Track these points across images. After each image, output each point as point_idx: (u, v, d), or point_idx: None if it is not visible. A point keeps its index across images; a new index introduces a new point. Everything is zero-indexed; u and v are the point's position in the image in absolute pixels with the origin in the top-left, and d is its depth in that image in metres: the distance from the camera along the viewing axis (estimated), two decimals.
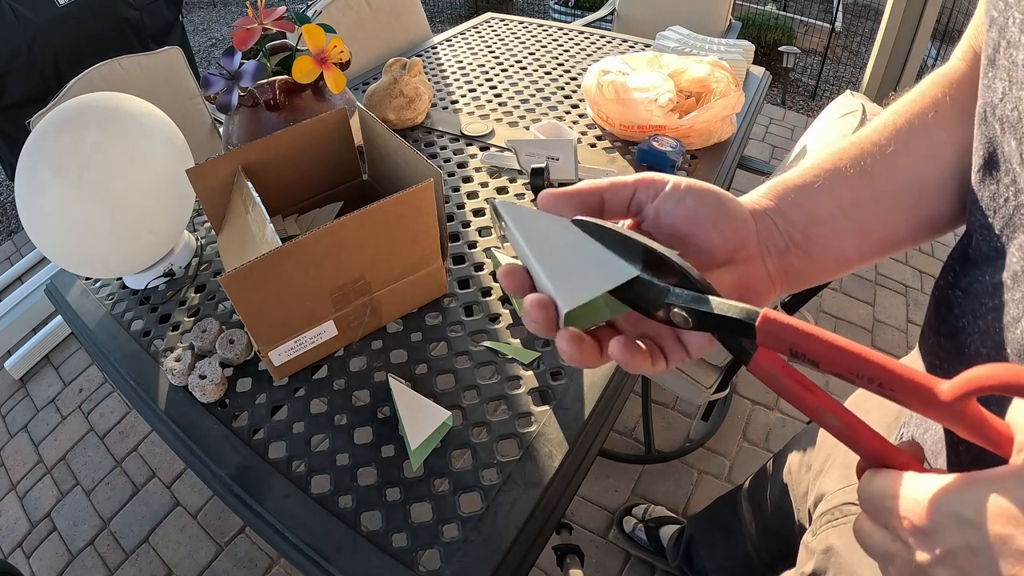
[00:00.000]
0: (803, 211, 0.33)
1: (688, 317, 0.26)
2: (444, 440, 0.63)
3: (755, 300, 0.31)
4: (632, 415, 1.51)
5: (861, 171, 0.33)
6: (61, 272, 0.90)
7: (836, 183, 0.33)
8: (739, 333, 0.25)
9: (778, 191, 0.33)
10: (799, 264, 0.33)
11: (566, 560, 0.91)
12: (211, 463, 0.64)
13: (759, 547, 0.80)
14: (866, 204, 0.33)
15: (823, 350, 0.23)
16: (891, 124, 0.35)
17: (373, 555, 0.55)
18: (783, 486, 0.68)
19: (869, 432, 0.24)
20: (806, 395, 0.24)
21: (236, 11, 4.32)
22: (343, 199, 0.87)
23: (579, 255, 0.28)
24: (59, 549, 1.37)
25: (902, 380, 0.22)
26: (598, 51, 1.44)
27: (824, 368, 0.23)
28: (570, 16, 3.36)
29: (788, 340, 0.23)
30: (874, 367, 0.22)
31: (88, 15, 2.04)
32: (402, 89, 1.10)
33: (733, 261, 0.31)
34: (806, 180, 0.34)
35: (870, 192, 0.33)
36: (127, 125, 0.76)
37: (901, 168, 0.33)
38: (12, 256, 2.26)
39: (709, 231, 0.30)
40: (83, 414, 1.66)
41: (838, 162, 0.34)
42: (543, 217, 0.31)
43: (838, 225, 0.33)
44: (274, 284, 0.60)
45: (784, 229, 0.32)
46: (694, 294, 0.26)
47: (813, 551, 0.49)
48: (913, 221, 0.34)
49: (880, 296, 1.86)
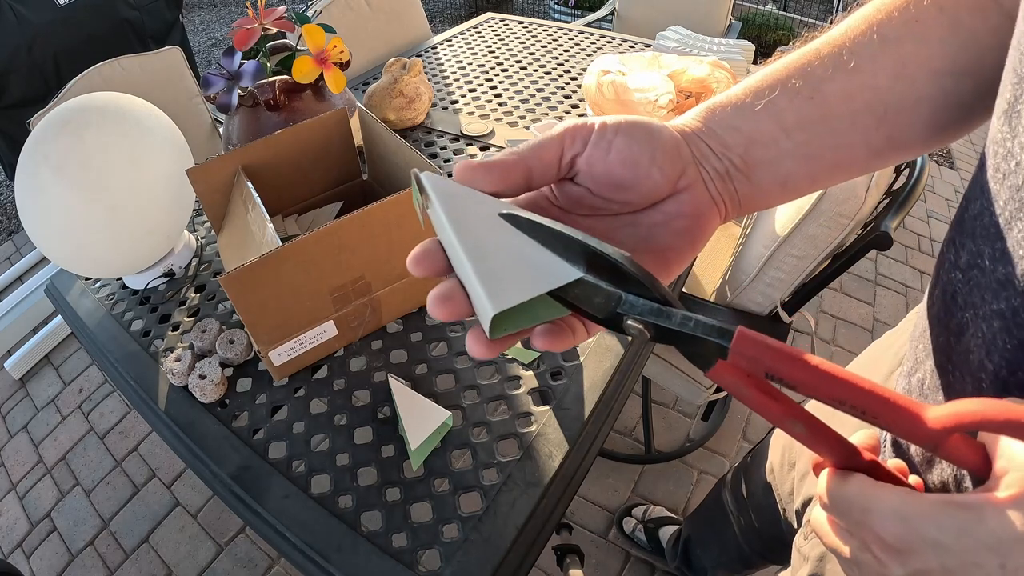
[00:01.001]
0: (741, 134, 0.30)
1: (646, 330, 0.23)
2: (444, 440, 0.63)
3: (702, 227, 0.29)
4: (632, 415, 1.51)
5: (811, 90, 0.29)
6: (61, 272, 0.90)
7: (779, 103, 0.29)
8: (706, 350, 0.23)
9: (711, 110, 0.31)
10: (743, 189, 0.30)
11: (566, 560, 0.91)
12: (211, 463, 0.64)
13: (749, 541, 0.80)
14: (814, 126, 0.29)
15: (803, 375, 0.21)
16: (855, 32, 0.30)
17: (373, 555, 0.55)
18: (766, 485, 0.68)
19: (836, 438, 0.24)
20: (770, 403, 0.23)
21: (236, 11, 4.32)
22: (343, 199, 0.87)
23: (515, 251, 0.25)
24: (59, 549, 1.37)
25: (887, 408, 0.21)
26: (598, 51, 1.44)
27: (802, 392, 0.21)
28: (570, 16, 3.36)
29: (764, 362, 0.21)
30: (857, 394, 0.21)
31: (88, 15, 2.03)
32: (402, 89, 1.10)
33: (676, 191, 0.29)
34: (743, 100, 0.30)
35: (819, 113, 0.29)
36: (127, 125, 0.76)
37: (860, 87, 0.29)
38: (12, 256, 2.26)
39: (648, 169, 0.28)
40: (83, 414, 1.66)
41: (785, 78, 0.30)
42: (475, 198, 0.27)
43: (781, 148, 0.30)
44: (274, 284, 0.60)
45: (721, 153, 0.30)
46: (653, 305, 0.23)
47: (807, 557, 0.49)
48: (872, 145, 0.30)
49: (880, 296, 1.86)
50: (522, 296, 0.23)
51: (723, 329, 0.22)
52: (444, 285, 0.25)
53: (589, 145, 0.28)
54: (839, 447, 0.24)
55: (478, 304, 0.24)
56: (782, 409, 0.23)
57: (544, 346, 0.26)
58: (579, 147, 0.28)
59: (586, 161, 0.28)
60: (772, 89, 0.30)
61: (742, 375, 0.23)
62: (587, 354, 0.71)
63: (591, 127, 0.28)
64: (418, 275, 0.25)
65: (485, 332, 0.23)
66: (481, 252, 0.24)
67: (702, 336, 0.22)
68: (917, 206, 2.23)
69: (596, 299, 0.24)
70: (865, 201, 0.83)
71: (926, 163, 0.90)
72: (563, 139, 0.28)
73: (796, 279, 0.94)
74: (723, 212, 0.31)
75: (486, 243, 0.24)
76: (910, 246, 2.04)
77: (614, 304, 0.24)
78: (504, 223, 0.26)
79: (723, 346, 0.22)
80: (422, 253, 0.25)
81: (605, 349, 0.71)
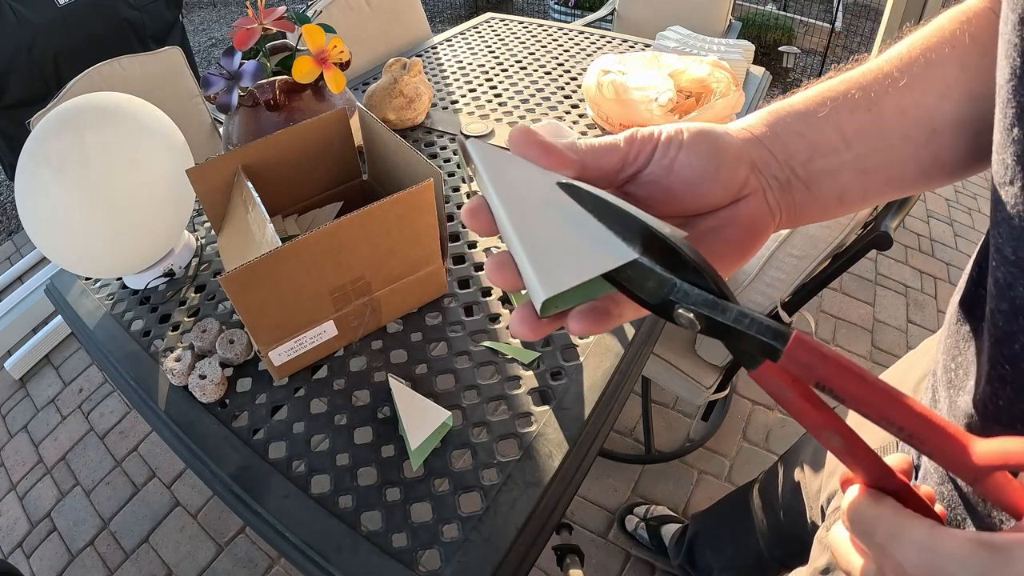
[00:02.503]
0: (804, 141, 0.30)
1: (697, 321, 0.22)
2: (444, 440, 0.63)
3: (755, 236, 0.29)
4: (632, 415, 1.51)
5: (869, 103, 0.30)
6: (61, 272, 0.90)
7: (841, 113, 0.30)
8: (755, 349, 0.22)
9: (778, 116, 0.31)
10: (801, 199, 0.30)
11: (566, 560, 0.91)
12: (211, 463, 0.64)
13: (771, 544, 0.80)
14: (872, 139, 0.30)
15: (856, 389, 0.21)
16: (905, 56, 0.31)
17: (373, 555, 0.55)
18: (795, 484, 0.68)
19: (872, 456, 0.23)
20: (811, 411, 0.22)
21: (236, 11, 4.32)
22: (343, 199, 0.87)
23: (566, 225, 0.23)
24: (59, 549, 1.37)
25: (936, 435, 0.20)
26: (598, 51, 1.44)
27: (849, 405, 0.21)
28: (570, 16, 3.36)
29: (817, 371, 0.21)
30: (909, 417, 0.20)
31: (88, 15, 2.03)
32: (402, 89, 1.10)
33: (735, 200, 0.29)
34: (809, 107, 0.30)
35: (877, 127, 0.30)
36: (127, 125, 0.76)
37: (912, 104, 0.30)
38: (12, 256, 2.26)
39: (711, 187, 0.28)
40: (83, 414, 1.66)
41: (845, 90, 0.30)
42: (524, 168, 0.26)
43: (841, 159, 0.30)
44: (274, 284, 0.60)
45: (784, 161, 0.30)
46: (708, 297, 0.22)
47: (827, 546, 0.49)
48: (921, 163, 0.31)
49: (880, 296, 1.86)
50: (575, 279, 0.21)
51: (779, 331, 0.21)
52: (501, 253, 0.25)
53: (652, 163, 0.28)
54: (873, 465, 0.23)
55: (528, 281, 0.22)
56: (823, 420, 0.22)
57: (582, 329, 0.25)
58: (641, 163, 0.28)
59: (647, 177, 0.28)
60: (835, 99, 0.30)
61: (788, 379, 0.22)
62: (587, 354, 0.71)
63: (655, 142, 0.28)
64: (472, 228, 0.25)
65: (536, 310, 0.23)
66: (531, 229, 0.23)
67: (756, 336, 0.21)
68: (917, 206, 2.23)
69: (648, 283, 0.23)
70: None
71: None
72: (627, 153, 0.28)
73: (796, 279, 0.94)
74: (777, 222, 0.31)
75: (536, 217, 0.23)
76: (910, 246, 2.04)
77: (667, 291, 0.22)
78: (559, 194, 0.25)
79: (776, 348, 0.21)
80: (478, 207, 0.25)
81: (605, 349, 0.71)
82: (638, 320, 0.74)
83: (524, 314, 0.24)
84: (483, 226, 0.25)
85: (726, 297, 0.22)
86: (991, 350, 0.28)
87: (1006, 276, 0.26)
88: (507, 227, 0.23)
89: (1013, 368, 0.27)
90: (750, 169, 0.29)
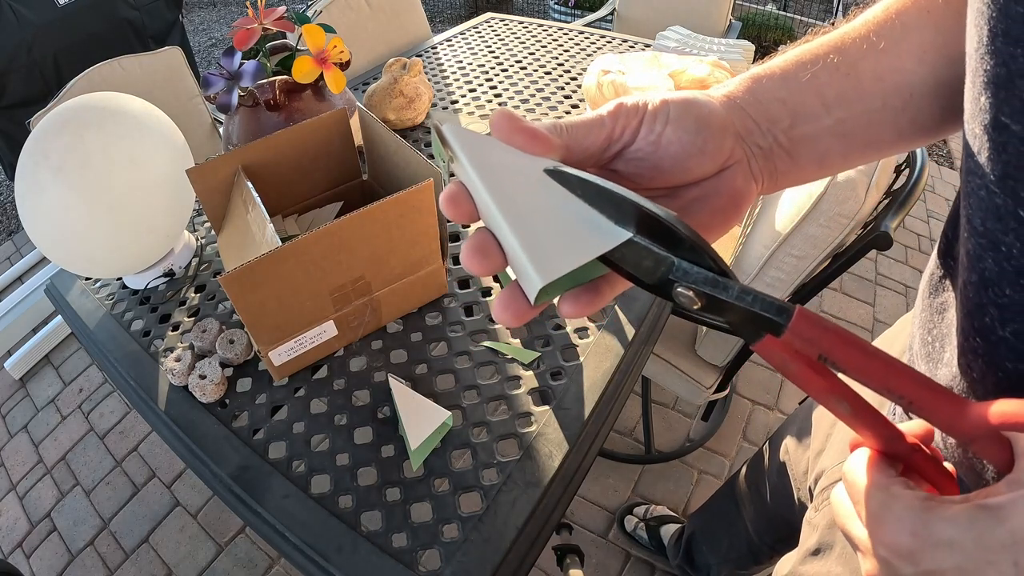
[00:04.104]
0: (786, 108, 0.30)
1: (698, 298, 0.22)
2: (444, 440, 0.63)
3: (738, 204, 0.29)
4: (632, 415, 1.51)
5: (848, 67, 0.30)
6: (61, 272, 0.90)
7: (821, 78, 0.30)
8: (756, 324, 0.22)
9: (756, 80, 0.30)
10: (783, 166, 0.31)
11: (566, 560, 0.91)
12: (211, 463, 0.64)
13: (760, 530, 0.80)
14: (851, 104, 0.30)
15: (857, 360, 0.21)
16: (881, 19, 0.31)
17: (373, 555, 0.55)
18: (781, 465, 0.68)
19: (880, 419, 0.24)
20: (816, 379, 0.22)
21: (236, 11, 4.32)
22: (343, 199, 0.87)
23: (558, 210, 0.23)
24: (59, 549, 1.37)
25: (935, 400, 0.21)
26: (598, 51, 1.44)
27: (852, 376, 0.22)
28: (570, 16, 3.36)
29: (820, 345, 0.21)
30: (908, 384, 0.21)
31: (88, 15, 2.03)
32: (402, 89, 1.10)
33: (720, 170, 0.29)
34: (789, 71, 0.30)
35: (856, 92, 0.30)
36: (127, 125, 0.76)
37: (889, 69, 0.30)
38: (12, 256, 2.26)
39: (698, 160, 0.28)
40: (83, 414, 1.66)
41: (824, 54, 0.31)
42: (506, 152, 0.25)
43: (822, 124, 0.30)
44: (274, 284, 0.60)
45: (767, 128, 0.30)
46: (708, 275, 0.22)
47: (816, 526, 0.49)
48: (899, 126, 0.31)
49: (880, 296, 1.86)
50: (571, 264, 0.21)
51: (782, 307, 0.21)
52: (478, 237, 0.23)
53: (639, 139, 0.27)
54: (882, 429, 0.24)
55: (520, 269, 0.22)
56: (828, 386, 0.23)
57: (575, 312, 0.24)
58: (628, 139, 0.28)
59: (633, 153, 0.28)
60: (814, 63, 0.30)
61: (790, 351, 0.22)
62: (587, 354, 0.71)
63: (640, 115, 0.27)
64: (451, 216, 0.24)
65: (529, 300, 0.22)
66: (521, 214, 0.22)
67: (760, 312, 0.21)
68: (917, 206, 2.22)
69: (645, 262, 0.23)
70: (865, 201, 0.83)
71: (926, 163, 0.89)
72: (612, 130, 0.27)
73: (796, 279, 0.94)
74: (759, 188, 0.31)
75: (525, 203, 0.23)
76: (910, 246, 2.04)
77: (665, 270, 0.22)
78: (546, 179, 0.24)
79: (779, 324, 0.21)
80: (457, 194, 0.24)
81: (605, 349, 0.71)
82: (638, 320, 0.74)
83: (508, 299, 0.23)
84: (464, 213, 0.24)
85: (725, 274, 0.22)
86: (963, 322, 0.28)
87: (976, 248, 0.26)
88: (495, 213, 0.22)
89: (984, 341, 0.27)
90: (735, 139, 0.29)
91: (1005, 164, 0.23)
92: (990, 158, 0.24)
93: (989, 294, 0.26)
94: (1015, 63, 0.21)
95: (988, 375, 0.27)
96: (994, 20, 0.22)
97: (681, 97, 0.28)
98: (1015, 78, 0.22)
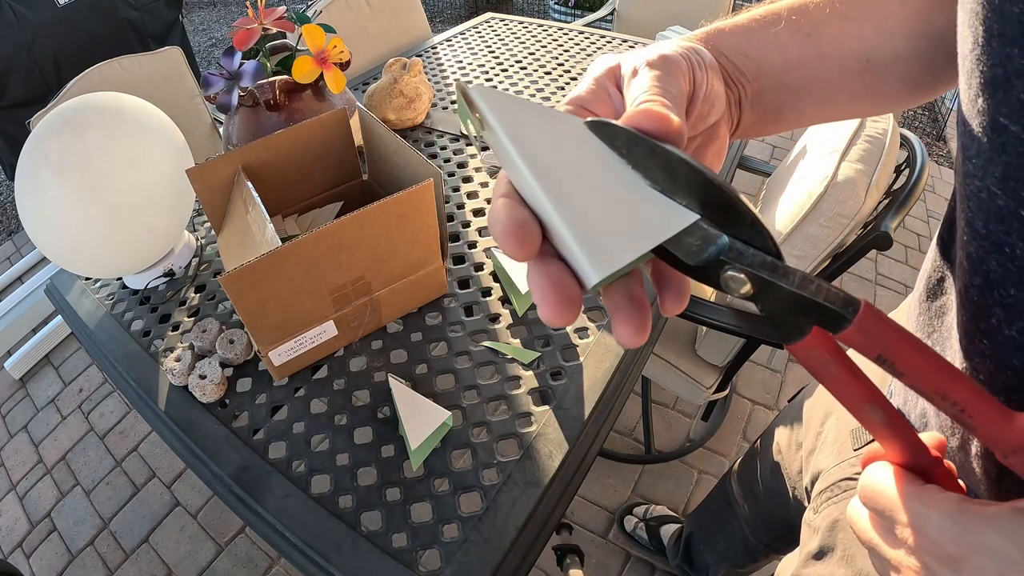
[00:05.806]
0: (751, 63, 0.31)
1: (752, 283, 0.19)
2: (444, 440, 0.63)
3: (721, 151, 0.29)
4: (632, 415, 1.51)
5: (811, 28, 0.31)
6: (61, 272, 0.90)
7: (783, 37, 0.31)
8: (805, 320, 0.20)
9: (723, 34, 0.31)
10: (746, 119, 0.32)
11: (566, 560, 0.91)
12: (211, 463, 0.64)
13: (755, 529, 0.80)
14: (810, 64, 0.31)
15: (917, 362, 0.20)
16: None
17: (373, 555, 0.55)
18: (775, 465, 0.68)
19: (910, 431, 0.23)
20: (855, 384, 0.21)
21: (236, 11, 4.32)
22: (343, 199, 0.87)
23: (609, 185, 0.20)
24: (59, 549, 1.37)
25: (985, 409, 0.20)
26: (598, 51, 1.44)
27: (907, 380, 0.20)
28: (570, 16, 3.36)
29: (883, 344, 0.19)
30: (962, 391, 0.20)
31: (88, 15, 2.04)
32: (402, 89, 1.10)
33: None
34: (751, 27, 0.31)
35: (815, 52, 0.31)
36: (127, 125, 0.76)
37: (849, 35, 0.31)
38: (12, 256, 2.26)
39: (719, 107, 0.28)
40: (83, 414, 1.66)
41: (787, 14, 0.31)
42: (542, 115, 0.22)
43: (783, 82, 0.31)
44: (274, 284, 0.60)
45: (736, 79, 0.31)
46: (767, 259, 0.19)
47: (817, 528, 0.49)
48: (853, 90, 0.32)
49: (880, 296, 1.86)
50: (631, 253, 0.18)
51: (849, 299, 0.19)
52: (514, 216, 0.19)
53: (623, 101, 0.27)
54: (909, 441, 0.23)
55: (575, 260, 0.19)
56: (867, 393, 0.21)
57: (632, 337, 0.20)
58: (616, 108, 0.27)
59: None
60: (776, 22, 0.31)
61: (834, 352, 0.20)
62: (587, 354, 0.71)
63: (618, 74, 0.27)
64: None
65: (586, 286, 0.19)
66: (569, 195, 0.19)
67: (824, 303, 0.19)
68: (917, 206, 2.23)
69: (691, 240, 0.19)
70: (865, 201, 0.83)
71: (926, 163, 0.89)
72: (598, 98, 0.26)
73: None
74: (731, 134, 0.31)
75: (574, 181, 0.19)
76: (910, 246, 2.04)
77: (715, 250, 0.19)
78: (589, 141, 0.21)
79: (844, 317, 0.19)
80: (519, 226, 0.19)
81: (605, 349, 0.71)
82: None
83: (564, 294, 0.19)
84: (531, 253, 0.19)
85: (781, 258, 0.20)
86: (967, 324, 0.28)
87: (978, 250, 0.26)
88: (538, 193, 0.19)
89: (991, 341, 0.27)
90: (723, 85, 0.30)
91: (1005, 165, 0.23)
92: (990, 160, 0.24)
93: (994, 295, 0.26)
94: (1012, 63, 0.21)
95: (997, 374, 0.27)
96: (989, 20, 0.22)
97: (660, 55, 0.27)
98: (1012, 78, 0.22)
